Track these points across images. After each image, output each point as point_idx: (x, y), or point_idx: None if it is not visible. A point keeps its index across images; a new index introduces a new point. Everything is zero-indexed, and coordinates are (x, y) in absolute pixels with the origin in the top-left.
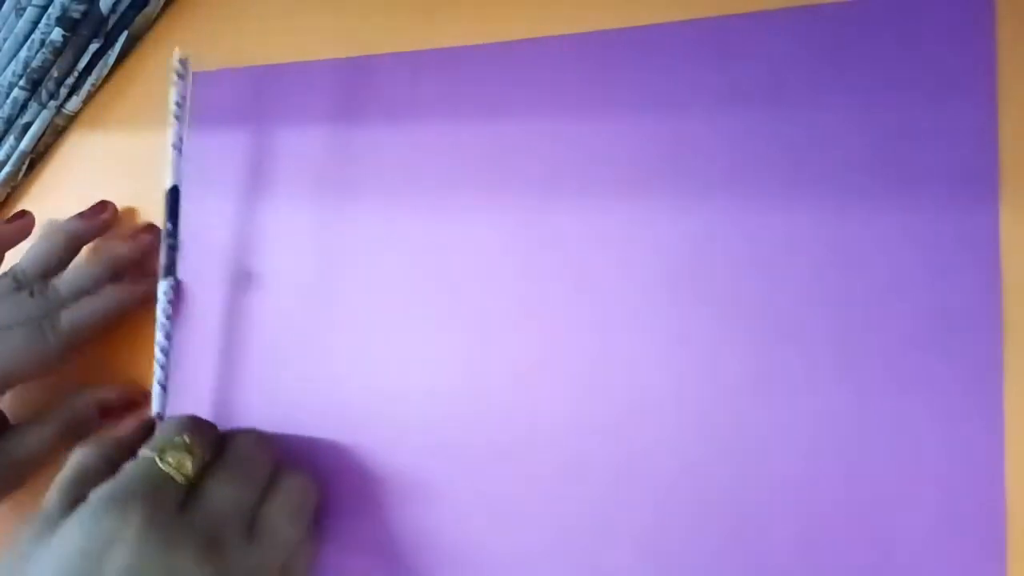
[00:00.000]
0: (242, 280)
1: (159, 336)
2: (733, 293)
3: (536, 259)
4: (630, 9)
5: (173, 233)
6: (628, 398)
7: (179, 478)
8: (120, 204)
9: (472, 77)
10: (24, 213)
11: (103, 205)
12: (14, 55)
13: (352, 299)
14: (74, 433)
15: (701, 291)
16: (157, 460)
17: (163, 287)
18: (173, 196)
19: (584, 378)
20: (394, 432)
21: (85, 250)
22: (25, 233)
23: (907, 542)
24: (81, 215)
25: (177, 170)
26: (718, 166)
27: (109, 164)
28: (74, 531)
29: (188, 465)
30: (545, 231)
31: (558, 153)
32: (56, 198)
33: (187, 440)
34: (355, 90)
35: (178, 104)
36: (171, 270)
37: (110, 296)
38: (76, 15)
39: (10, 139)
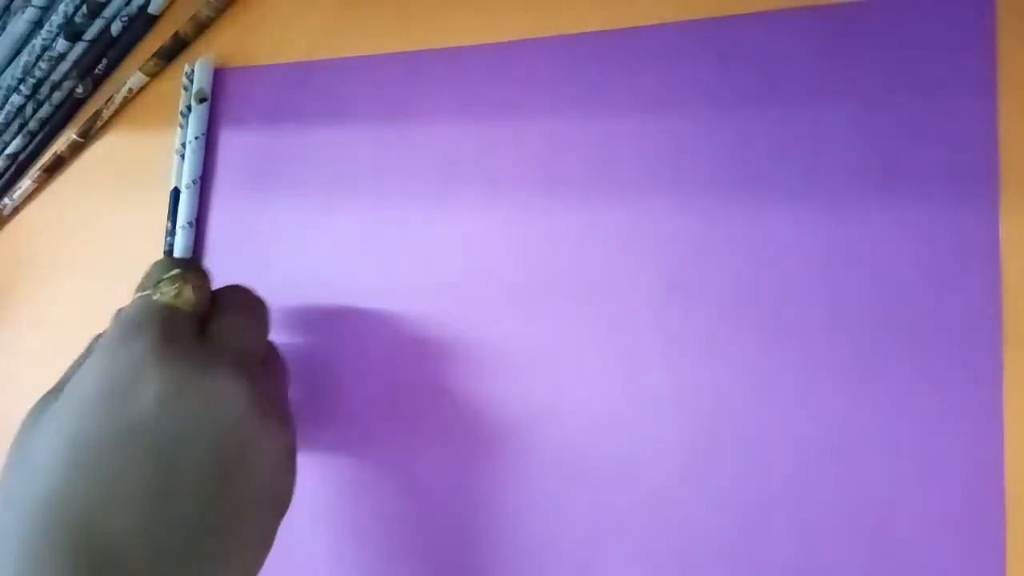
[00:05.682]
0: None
1: None
2: (732, 294)
3: (535, 259)
4: (629, 10)
5: (173, 232)
6: (627, 398)
7: (184, 306)
8: (127, 206)
9: (472, 77)
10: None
11: None
12: (12, 58)
13: (356, 299)
14: None
15: (700, 292)
16: (154, 295)
17: None
18: (175, 197)
19: (582, 377)
20: (391, 430)
21: None
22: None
23: (906, 542)
24: None
25: (180, 173)
26: (718, 167)
27: (114, 165)
28: (84, 380)
29: (189, 292)
30: (544, 231)
31: (557, 154)
32: (67, 201)
33: (181, 270)
34: (354, 89)
35: (182, 114)
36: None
37: None
38: (82, 27)
39: (18, 141)
